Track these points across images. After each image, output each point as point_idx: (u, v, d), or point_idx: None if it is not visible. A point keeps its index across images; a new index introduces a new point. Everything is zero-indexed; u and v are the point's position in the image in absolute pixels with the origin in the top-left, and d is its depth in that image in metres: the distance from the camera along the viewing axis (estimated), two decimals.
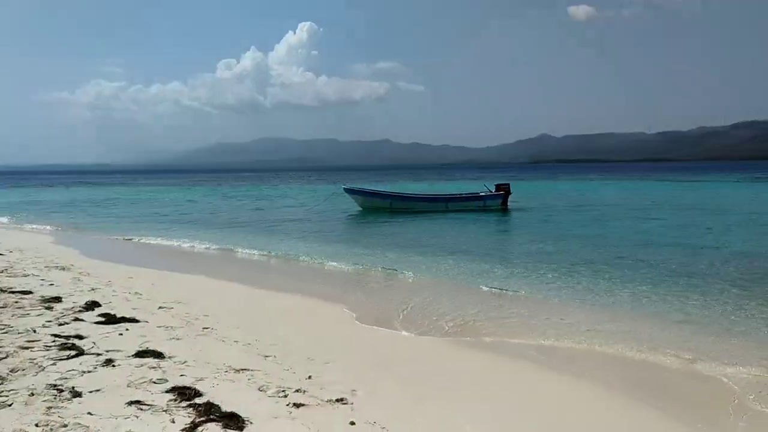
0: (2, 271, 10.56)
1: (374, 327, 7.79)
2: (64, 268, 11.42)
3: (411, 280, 11.24)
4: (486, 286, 10.27)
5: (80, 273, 10.94)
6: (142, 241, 18.01)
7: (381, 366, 6.07)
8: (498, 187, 28.96)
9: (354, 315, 8.50)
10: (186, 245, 16.86)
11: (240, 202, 40.28)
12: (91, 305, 7.87)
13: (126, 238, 18.68)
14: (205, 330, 6.98)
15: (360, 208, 28.82)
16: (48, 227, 22.66)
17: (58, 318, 7.04)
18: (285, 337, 7.09)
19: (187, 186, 77.63)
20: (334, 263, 13.16)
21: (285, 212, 30.60)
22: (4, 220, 27.06)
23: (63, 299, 8.22)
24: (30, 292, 8.58)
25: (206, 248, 16.12)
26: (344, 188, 30.12)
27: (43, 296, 8.31)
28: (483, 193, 28.88)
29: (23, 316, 7.08)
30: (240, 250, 15.67)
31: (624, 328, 7.62)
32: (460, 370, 6.03)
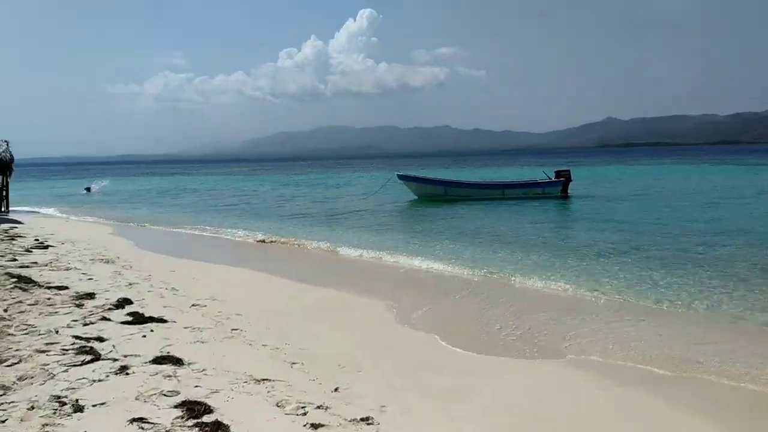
0: (47, 264, 10.49)
1: (416, 330, 7.21)
2: (108, 261, 11.29)
3: (463, 275, 10.60)
4: (549, 283, 9.54)
5: (123, 266, 10.78)
6: (199, 232, 17.94)
7: (419, 377, 5.49)
8: (558, 173, 27.86)
9: (396, 315, 7.95)
10: (241, 236, 16.65)
11: (299, 191, 40.33)
12: (123, 303, 7.58)
13: (185, 228, 18.71)
14: (234, 332, 6.56)
15: (415, 196, 28.23)
16: (108, 218, 23.01)
17: (85, 317, 6.76)
18: (318, 339, 6.61)
19: (249, 175, 78.78)
20: (385, 256, 12.65)
21: (342, 201, 30.30)
22: (66, 209, 27.75)
23: (96, 295, 7.98)
24: (66, 288, 8.38)
25: (259, 239, 15.84)
26: (398, 175, 29.57)
27: (77, 292, 8.09)
28: (541, 180, 27.83)
29: (51, 314, 6.83)
30: (291, 240, 15.37)
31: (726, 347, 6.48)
32: (512, 390, 5.35)
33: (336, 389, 4.95)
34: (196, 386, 4.79)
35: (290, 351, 5.99)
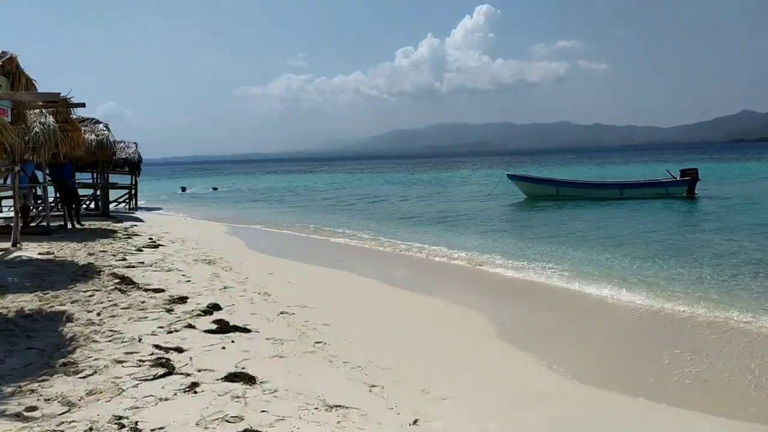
0: (152, 264, 10.68)
1: (520, 351, 6.51)
2: (210, 262, 11.37)
3: (576, 287, 9.72)
4: (684, 304, 8.48)
5: (223, 268, 10.78)
6: (309, 234, 17.96)
7: (516, 411, 4.84)
8: (684, 172, 25.74)
9: (496, 331, 7.30)
10: (351, 238, 16.47)
11: (413, 190, 40.18)
12: (211, 309, 7.43)
13: (294, 229, 18.87)
14: (316, 345, 6.17)
15: (525, 196, 27.11)
16: (226, 218, 23.75)
17: (171, 324, 6.63)
18: (406, 355, 6.10)
19: (365, 173, 79.91)
20: (496, 263, 11.95)
21: (454, 201, 29.73)
22: (187, 207, 29.01)
23: (188, 299, 7.90)
24: (162, 290, 8.38)
25: (367, 241, 15.60)
26: (508, 175, 28.54)
27: (171, 296, 8.05)
28: (665, 179, 25.81)
29: (139, 320, 6.76)
30: (399, 242, 15.04)
31: None
32: None
33: (415, 422, 4.41)
34: (263, 411, 4.40)
35: (372, 371, 5.51)
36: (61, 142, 16.05)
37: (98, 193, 25.13)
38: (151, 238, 14.69)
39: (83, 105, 14.61)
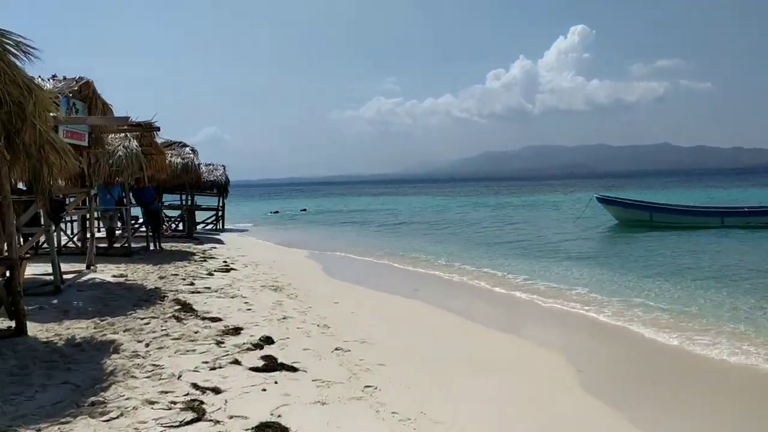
0: (218, 290, 10.49)
1: (606, 407, 5.69)
2: (277, 289, 11.07)
3: (672, 336, 8.68)
4: None
5: (288, 295, 10.44)
6: (392, 259, 17.45)
7: None
8: None
9: (577, 376, 6.49)
10: (430, 264, 15.90)
11: (501, 214, 39.16)
12: (263, 342, 7.02)
13: (373, 256, 18.45)
14: (366, 390, 5.59)
15: (616, 221, 25.61)
16: (307, 242, 23.73)
17: (217, 359, 6.25)
18: (467, 405, 5.42)
19: (454, 196, 79.22)
20: (583, 300, 11.04)
21: (544, 226, 28.54)
22: (272, 229, 29.26)
23: (243, 330, 7.54)
24: (219, 320, 8.09)
25: (445, 269, 15.00)
26: (597, 198, 27.08)
27: (226, 326, 7.72)
28: None
29: (186, 353, 6.43)
30: (477, 270, 14.40)
31: None
32: None
33: None
34: None
35: (423, 425, 4.88)
36: (145, 165, 16.44)
37: (184, 214, 25.72)
38: (225, 262, 14.65)
39: (158, 129, 14.86)
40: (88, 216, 12.10)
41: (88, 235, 12.03)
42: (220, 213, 31.01)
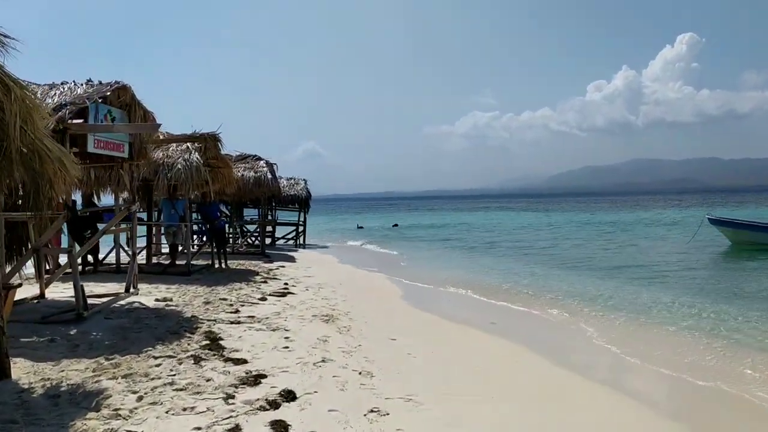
0: (261, 320, 9.25)
1: None
2: (329, 320, 9.69)
3: None
4: None
5: (340, 329, 9.04)
6: (471, 283, 15.81)
7: None
8: None
9: None
10: (514, 292, 14.14)
11: (605, 231, 36.56)
12: (283, 397, 5.62)
13: (458, 275, 16.89)
14: None
15: (730, 243, 22.65)
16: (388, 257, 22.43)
17: (214, 423, 4.91)
18: None
19: (552, 211, 76.26)
20: (687, 337, 9.05)
21: (648, 246, 25.98)
22: (358, 246, 28.20)
23: (266, 379, 6.19)
24: (244, 362, 6.79)
25: (531, 299, 13.23)
26: (709, 219, 24.14)
27: (248, 371, 6.40)
28: None
29: (182, 412, 5.13)
30: (568, 300, 12.56)
31: None
32: None
33: None
34: None
35: None
36: (211, 179, 15.62)
37: (258, 230, 25.07)
38: (286, 284, 13.50)
39: (213, 139, 14.00)
40: (130, 234, 11.13)
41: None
42: (301, 228, 30.33)
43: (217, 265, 16.15)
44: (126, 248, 14.11)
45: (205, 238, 18.36)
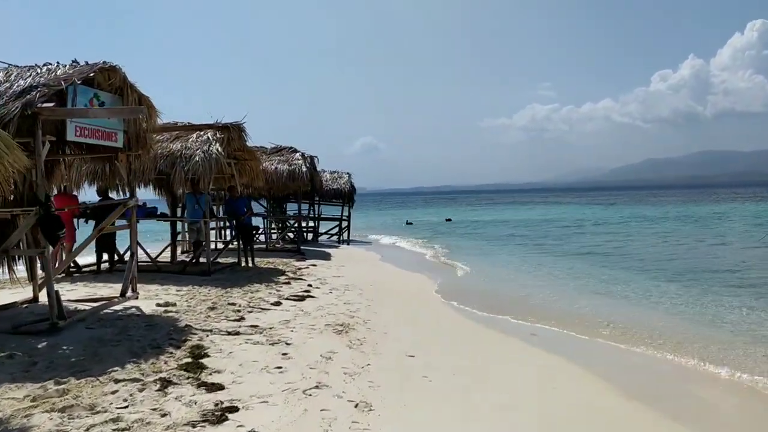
0: (264, 330, 8.11)
1: None
2: (343, 330, 8.50)
3: None
4: None
5: (351, 342, 7.83)
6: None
7: None
8: None
9: None
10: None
11: (672, 228, 34.34)
12: None
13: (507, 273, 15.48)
14: None
15: None
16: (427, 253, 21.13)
17: None
18: None
19: (613, 204, 73.34)
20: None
21: (717, 244, 23.82)
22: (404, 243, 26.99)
23: (234, 414, 5.00)
24: (219, 388, 5.62)
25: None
26: None
27: (218, 403, 5.23)
28: None
29: None
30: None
31: None
32: None
33: None
34: None
35: None
36: (238, 172, 14.66)
37: (294, 225, 24.14)
38: (310, 285, 12.38)
39: (237, 129, 13.00)
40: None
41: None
42: (344, 224, 29.29)
43: (243, 264, 15.20)
44: (144, 247, 13.28)
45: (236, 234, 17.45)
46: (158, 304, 9.45)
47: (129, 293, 9.45)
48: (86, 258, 13.56)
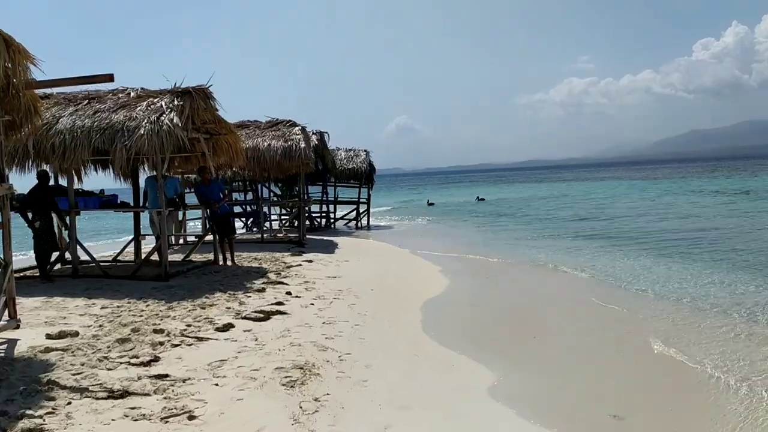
0: (174, 384, 5.23)
1: None
2: (297, 381, 5.55)
3: None
4: None
5: (296, 410, 4.86)
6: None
7: None
8: None
9: None
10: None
11: (721, 202, 30.68)
12: None
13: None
14: None
15: None
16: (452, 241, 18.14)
17: None
18: None
19: (657, 179, 69.01)
20: None
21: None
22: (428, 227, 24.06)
23: None
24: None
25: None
26: None
27: None
28: None
29: None
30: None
31: None
32: None
33: None
34: None
35: None
36: (210, 150, 11.87)
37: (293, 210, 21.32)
38: (288, 293, 9.43)
39: (202, 94, 10.23)
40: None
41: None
42: (363, 208, 26.38)
43: (221, 261, 12.42)
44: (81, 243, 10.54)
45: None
46: (49, 336, 6.66)
47: (3, 320, 6.64)
48: None
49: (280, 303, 8.65)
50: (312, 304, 8.78)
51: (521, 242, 18.71)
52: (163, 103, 10.46)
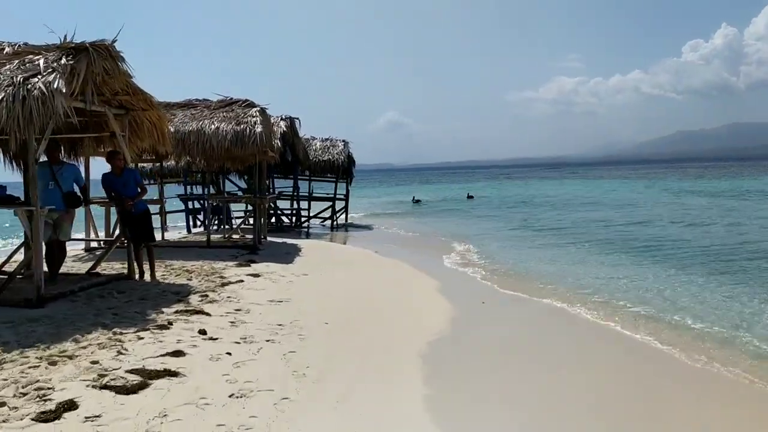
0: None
1: None
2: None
3: None
4: None
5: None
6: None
7: None
8: None
9: None
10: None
11: (702, 203, 28.67)
12: None
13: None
14: None
15: None
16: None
17: None
18: None
19: (642, 179, 67.16)
20: None
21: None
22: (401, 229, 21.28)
23: None
24: None
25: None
26: None
27: None
28: None
29: None
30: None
31: None
32: None
33: None
34: None
35: None
36: (121, 129, 8.97)
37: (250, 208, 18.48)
38: (202, 333, 6.57)
39: (87, 48, 7.37)
40: None
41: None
42: (340, 205, 23.52)
43: (137, 275, 9.52)
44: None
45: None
46: None
47: None
48: None
49: (178, 353, 5.75)
50: (229, 353, 5.87)
51: (521, 242, 16.02)
52: (42, 62, 7.54)
